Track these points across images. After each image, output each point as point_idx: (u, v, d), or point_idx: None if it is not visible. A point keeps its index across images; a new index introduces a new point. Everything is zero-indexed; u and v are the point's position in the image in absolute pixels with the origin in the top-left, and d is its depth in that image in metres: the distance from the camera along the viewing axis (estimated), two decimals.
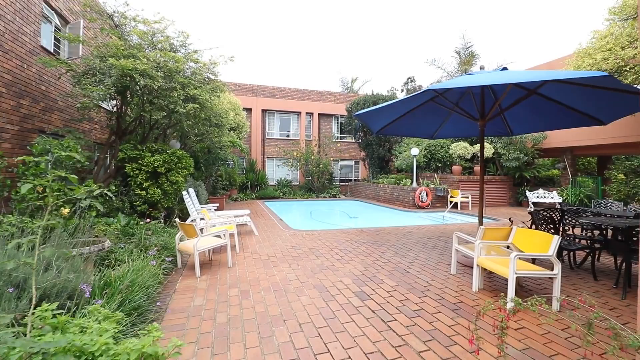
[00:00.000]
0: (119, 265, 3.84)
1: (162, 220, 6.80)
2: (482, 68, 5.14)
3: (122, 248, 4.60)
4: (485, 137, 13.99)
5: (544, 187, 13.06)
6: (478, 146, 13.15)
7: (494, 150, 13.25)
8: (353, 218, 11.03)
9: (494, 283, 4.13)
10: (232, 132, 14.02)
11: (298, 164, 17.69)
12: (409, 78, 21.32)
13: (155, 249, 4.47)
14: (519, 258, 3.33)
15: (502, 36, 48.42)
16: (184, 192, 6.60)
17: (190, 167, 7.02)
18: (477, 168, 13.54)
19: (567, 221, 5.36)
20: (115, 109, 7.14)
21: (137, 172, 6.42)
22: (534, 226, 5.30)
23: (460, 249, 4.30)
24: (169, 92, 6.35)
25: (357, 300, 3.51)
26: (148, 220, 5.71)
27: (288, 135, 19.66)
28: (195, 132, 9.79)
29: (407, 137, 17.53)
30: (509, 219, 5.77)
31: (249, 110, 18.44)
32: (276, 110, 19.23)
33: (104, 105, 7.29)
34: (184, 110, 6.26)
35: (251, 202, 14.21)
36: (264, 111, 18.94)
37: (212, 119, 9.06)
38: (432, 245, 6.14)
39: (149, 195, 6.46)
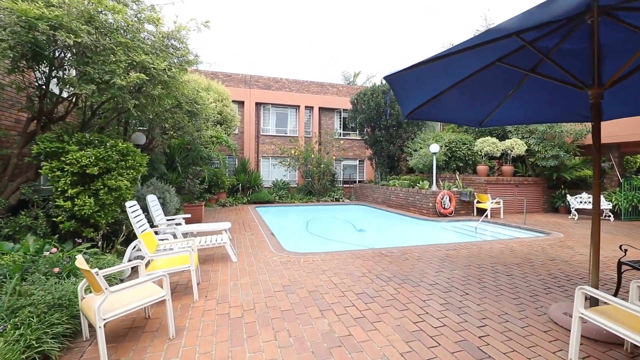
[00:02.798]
0: None
1: (101, 244, 4.81)
2: None
3: None
4: (516, 131, 11.94)
5: (587, 191, 11.03)
6: (508, 142, 11.14)
7: (526, 147, 11.23)
8: (360, 231, 8.99)
9: None
10: (218, 126, 12.04)
11: (296, 164, 15.67)
12: None
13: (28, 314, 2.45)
14: None
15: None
16: (130, 203, 4.57)
17: (140, 166, 4.99)
18: (505, 168, 11.54)
19: None
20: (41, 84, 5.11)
21: (59, 173, 4.41)
22: None
23: (599, 322, 2.27)
24: (103, 56, 4.35)
25: None
26: (55, 250, 3.69)
27: (285, 132, 17.64)
28: (171, 124, 7.80)
29: (445, 122, 15.59)
30: (620, 247, 3.74)
31: (241, 103, 16.42)
32: (272, 104, 17.22)
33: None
34: (124, 83, 4.24)
35: (241, 208, 12.18)
36: (258, 104, 16.92)
37: (184, 105, 7.04)
38: (493, 282, 4.13)
39: (76, 208, 4.44)
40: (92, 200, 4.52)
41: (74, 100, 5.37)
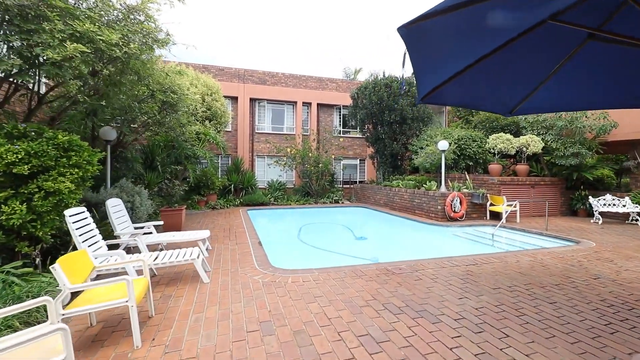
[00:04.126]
0: None
1: (39, 261, 3.87)
2: None
3: None
4: (531, 127, 10.87)
5: (611, 192, 10.06)
6: (524, 138, 10.18)
7: (543, 144, 10.26)
8: (361, 239, 8.02)
9: None
10: (207, 122, 11.10)
11: (293, 163, 14.72)
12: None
13: None
14: None
15: None
16: (71, 211, 3.63)
17: (88, 164, 4.05)
18: (520, 167, 10.57)
19: None
20: None
21: None
22: None
23: None
24: (34, 25, 3.41)
25: None
26: None
27: (282, 129, 16.69)
28: (147, 117, 6.88)
29: (469, 108, 14.60)
30: None
31: (234, 98, 15.48)
32: (267, 100, 16.26)
33: None
34: (58, 58, 3.30)
35: (231, 211, 11.24)
36: (252, 100, 15.97)
37: (158, 94, 6.10)
38: (536, 314, 3.17)
39: (3, 217, 3.51)
40: (24, 207, 3.59)
41: (14, 82, 4.43)
